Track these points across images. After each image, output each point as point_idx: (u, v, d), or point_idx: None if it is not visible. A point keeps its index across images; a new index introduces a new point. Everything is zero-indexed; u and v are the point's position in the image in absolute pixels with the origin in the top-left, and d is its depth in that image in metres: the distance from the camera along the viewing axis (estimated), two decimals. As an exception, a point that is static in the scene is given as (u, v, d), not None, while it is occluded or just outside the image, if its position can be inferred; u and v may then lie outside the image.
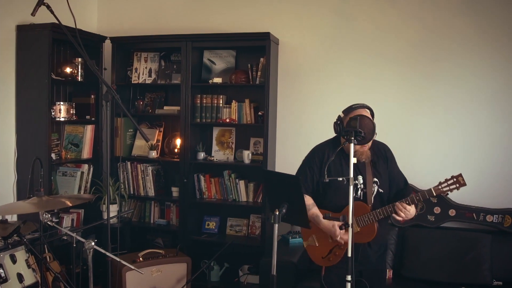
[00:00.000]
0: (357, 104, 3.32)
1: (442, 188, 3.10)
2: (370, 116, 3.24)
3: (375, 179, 3.29)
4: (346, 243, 3.17)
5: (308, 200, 3.33)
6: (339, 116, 3.23)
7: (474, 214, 4.65)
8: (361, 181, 3.18)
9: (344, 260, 3.20)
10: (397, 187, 3.39)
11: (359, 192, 3.27)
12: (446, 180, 3.10)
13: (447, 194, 3.13)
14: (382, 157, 3.37)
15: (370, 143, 3.25)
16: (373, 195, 3.28)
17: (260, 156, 5.18)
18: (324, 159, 3.32)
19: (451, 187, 3.08)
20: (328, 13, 5.13)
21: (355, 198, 3.20)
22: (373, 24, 5.01)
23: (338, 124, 3.15)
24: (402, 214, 3.11)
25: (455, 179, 3.08)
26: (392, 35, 4.96)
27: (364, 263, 3.29)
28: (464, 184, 3.07)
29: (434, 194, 3.11)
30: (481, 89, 4.76)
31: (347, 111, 3.28)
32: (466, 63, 4.78)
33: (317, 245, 3.39)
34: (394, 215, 3.15)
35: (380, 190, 3.30)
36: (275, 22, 5.26)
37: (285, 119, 5.30)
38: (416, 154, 4.89)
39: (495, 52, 4.71)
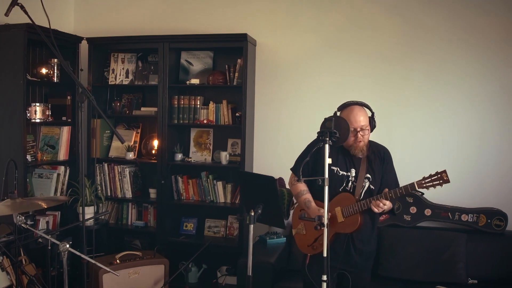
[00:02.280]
0: (352, 101, 3.39)
1: (425, 183, 3.11)
2: (365, 113, 3.34)
3: (368, 175, 3.34)
4: (330, 232, 3.21)
5: (302, 186, 3.40)
6: (334, 113, 3.25)
7: (449, 214, 4.70)
8: (353, 174, 3.31)
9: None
10: (387, 187, 3.38)
11: (350, 184, 3.33)
12: (430, 176, 3.12)
13: (429, 189, 3.14)
14: (379, 157, 3.41)
15: (367, 141, 3.34)
16: (364, 190, 3.32)
17: (238, 157, 5.18)
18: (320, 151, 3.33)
19: (435, 183, 3.10)
20: (305, 14, 5.15)
21: (344, 190, 3.31)
22: (350, 23, 5.05)
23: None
24: (378, 206, 3.14)
25: (439, 175, 3.10)
26: (371, 32, 5.00)
27: (345, 262, 3.33)
28: (448, 181, 3.09)
29: (417, 188, 3.12)
30: (460, 89, 4.82)
31: (341, 108, 3.36)
32: (446, 60, 4.84)
33: (304, 233, 3.44)
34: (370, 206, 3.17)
35: (371, 187, 3.33)
36: (252, 23, 5.27)
37: (262, 120, 5.31)
38: (393, 153, 4.91)
39: (477, 49, 4.77)
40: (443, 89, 4.85)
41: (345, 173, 3.33)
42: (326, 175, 2.83)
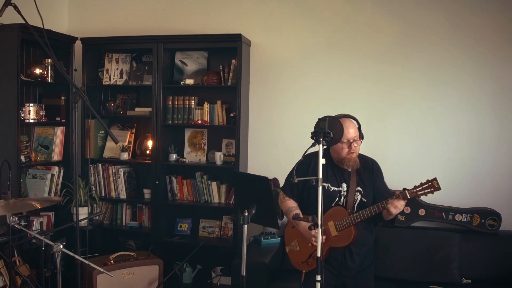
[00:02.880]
0: (341, 114, 3.38)
1: (417, 191, 3.11)
2: (354, 125, 3.37)
3: (359, 188, 3.37)
4: (325, 247, 3.23)
5: (292, 203, 3.43)
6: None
7: (443, 214, 4.71)
8: (345, 188, 3.32)
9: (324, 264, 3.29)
10: (382, 197, 3.37)
11: (342, 199, 3.34)
12: (421, 184, 3.11)
13: (420, 198, 3.15)
14: (368, 169, 3.43)
15: (357, 152, 3.35)
16: (356, 203, 3.34)
17: (232, 157, 5.18)
18: (310, 167, 3.38)
19: (426, 191, 3.09)
20: (300, 14, 5.15)
21: (337, 204, 3.34)
22: (344, 23, 5.05)
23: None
24: (393, 209, 3.12)
25: (429, 183, 3.09)
26: (365, 34, 5.01)
27: (345, 275, 3.36)
28: (439, 188, 3.08)
29: (409, 197, 3.11)
30: (455, 90, 4.82)
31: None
32: (442, 60, 4.84)
33: (298, 249, 3.44)
34: (388, 207, 3.14)
35: (363, 200, 3.35)
36: (246, 23, 5.27)
37: (257, 120, 5.31)
38: (387, 155, 4.93)
39: (473, 49, 4.77)
40: (437, 89, 4.86)
41: (336, 188, 3.35)
42: (320, 175, 2.82)
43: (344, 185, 3.30)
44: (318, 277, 2.80)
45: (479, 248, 4.50)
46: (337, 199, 3.34)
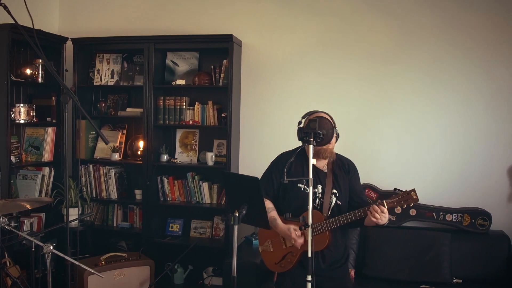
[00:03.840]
0: (316, 110, 3.36)
1: (395, 203, 3.08)
2: (329, 119, 3.27)
3: (334, 190, 3.33)
4: (298, 250, 3.23)
5: (268, 203, 3.35)
6: (299, 122, 3.27)
7: (434, 214, 4.73)
8: (320, 190, 3.29)
9: (296, 267, 3.29)
10: (359, 199, 3.37)
11: (317, 201, 3.31)
12: (399, 195, 3.08)
13: (399, 210, 3.12)
14: (345, 170, 3.41)
15: (332, 155, 3.33)
16: (331, 206, 3.30)
17: (224, 158, 5.18)
18: (287, 166, 3.29)
19: (403, 202, 3.06)
20: (291, 15, 5.16)
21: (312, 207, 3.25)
22: (335, 23, 5.07)
23: (300, 130, 3.21)
24: (377, 216, 3.04)
25: (407, 194, 3.06)
26: (358, 34, 5.02)
27: (318, 274, 3.18)
28: (417, 200, 3.05)
29: (386, 208, 3.06)
30: (440, 92, 4.85)
31: (306, 116, 3.32)
32: (430, 65, 4.87)
33: (271, 250, 3.42)
34: (371, 217, 3.08)
35: (338, 202, 3.32)
36: (238, 24, 5.27)
37: (248, 120, 5.31)
38: (377, 155, 4.95)
39: (468, 48, 4.80)
40: (429, 90, 4.88)
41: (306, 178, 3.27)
42: (311, 175, 2.83)
43: (319, 187, 3.29)
44: (309, 277, 2.80)
45: (469, 248, 4.53)
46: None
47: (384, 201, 3.08)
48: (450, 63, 4.82)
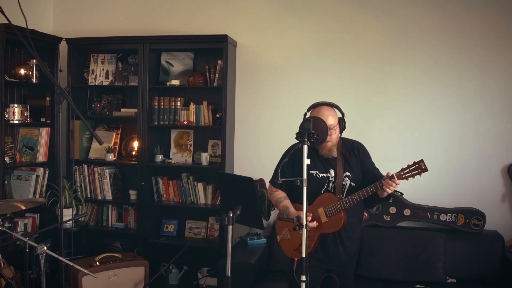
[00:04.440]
0: (321, 101, 3.41)
1: (404, 174, 3.09)
2: (334, 113, 3.33)
3: (347, 173, 3.35)
4: (315, 233, 3.25)
5: (280, 193, 3.41)
6: (304, 114, 3.34)
7: (428, 214, 4.75)
8: (333, 175, 3.33)
9: (315, 251, 3.31)
10: (373, 176, 3.36)
11: (331, 185, 3.33)
12: (408, 166, 3.10)
13: (408, 180, 3.11)
14: (355, 152, 3.43)
15: (335, 141, 3.34)
16: (346, 189, 3.32)
17: (218, 158, 5.17)
18: (297, 156, 3.34)
19: (413, 172, 3.07)
20: (286, 15, 5.16)
21: (326, 190, 3.32)
22: (330, 24, 5.07)
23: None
24: (390, 186, 3.08)
25: (416, 165, 3.08)
26: (353, 34, 5.03)
27: (334, 262, 3.34)
28: (426, 170, 3.06)
29: (397, 180, 3.07)
30: (436, 92, 4.87)
31: (311, 108, 3.39)
32: (424, 65, 4.88)
33: (289, 237, 3.42)
34: (386, 190, 3.11)
35: (353, 184, 3.34)
36: (232, 24, 5.27)
37: (243, 120, 5.31)
38: (372, 154, 4.92)
39: (451, 49, 4.82)
40: (422, 90, 4.89)
41: (324, 174, 3.33)
42: (305, 176, 2.83)
43: (332, 171, 3.32)
44: (303, 277, 2.80)
45: (463, 247, 4.54)
46: (326, 186, 3.33)
47: (394, 174, 3.09)
48: (446, 63, 4.84)
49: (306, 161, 2.86)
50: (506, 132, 4.75)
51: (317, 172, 3.33)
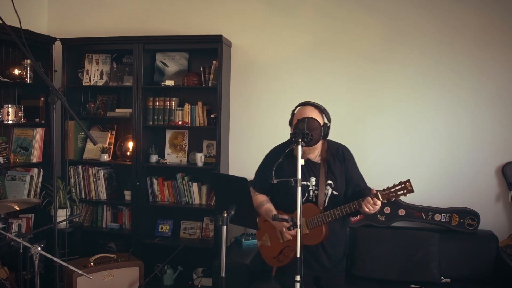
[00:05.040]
0: (309, 101, 3.33)
1: (389, 193, 3.02)
2: (317, 114, 3.22)
3: (329, 181, 3.23)
4: (294, 244, 3.18)
5: (262, 197, 3.35)
6: (293, 110, 3.32)
7: (422, 214, 4.76)
8: (313, 183, 3.22)
9: (294, 261, 3.23)
10: (355, 187, 3.28)
11: (311, 193, 3.24)
12: (394, 186, 3.03)
13: (393, 199, 3.07)
14: (339, 158, 3.29)
15: (322, 144, 3.26)
16: (327, 198, 3.22)
17: (213, 158, 5.17)
18: (275, 165, 3.22)
19: (399, 193, 3.01)
20: (280, 15, 5.16)
21: (307, 200, 3.22)
22: (325, 24, 5.08)
23: (290, 121, 3.27)
24: (370, 207, 3.00)
25: (403, 185, 3.01)
26: (347, 34, 5.04)
27: (318, 270, 3.29)
28: (412, 191, 2.99)
29: (381, 199, 3.01)
30: (431, 89, 4.88)
31: (297, 106, 3.33)
32: (414, 65, 4.89)
33: (269, 244, 3.39)
34: (364, 208, 3.02)
35: (335, 193, 3.23)
36: (227, 25, 5.27)
37: (238, 121, 5.31)
38: (364, 155, 4.95)
39: (445, 49, 4.83)
40: (416, 91, 4.90)
41: (304, 182, 3.20)
42: (299, 176, 2.82)
43: (313, 179, 3.21)
44: (298, 278, 2.80)
45: (458, 247, 4.56)
46: (306, 195, 3.21)
47: (378, 193, 3.02)
48: (441, 63, 4.85)
49: (301, 161, 2.86)
50: (501, 132, 4.77)
51: (293, 180, 3.07)
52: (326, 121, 3.26)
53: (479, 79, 4.78)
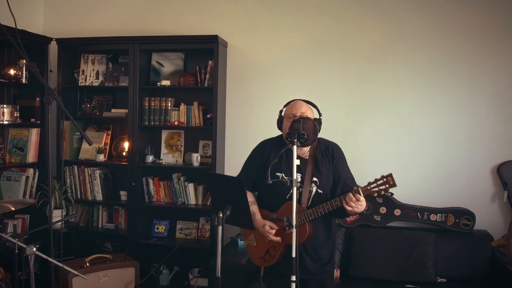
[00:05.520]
0: (300, 98, 3.27)
1: (371, 188, 2.92)
2: (307, 108, 3.18)
3: (314, 179, 3.14)
4: (280, 244, 3.15)
5: (249, 196, 3.22)
6: (280, 111, 3.29)
7: (418, 214, 4.76)
8: (299, 179, 3.09)
9: (281, 261, 3.20)
10: (344, 186, 3.15)
11: (295, 190, 3.07)
12: (376, 180, 2.92)
13: (376, 195, 2.93)
14: (328, 156, 3.20)
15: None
16: (312, 196, 3.14)
17: (209, 158, 5.17)
18: (265, 155, 3.25)
19: (381, 187, 2.89)
20: (276, 15, 5.16)
21: (291, 197, 2.99)
22: (320, 24, 5.08)
23: (281, 119, 3.25)
24: (352, 204, 2.88)
25: (384, 179, 2.89)
26: (340, 36, 5.04)
27: (302, 272, 3.06)
28: (394, 185, 2.87)
29: (362, 195, 2.89)
30: (428, 89, 4.89)
31: (287, 104, 3.28)
32: (411, 64, 4.90)
33: (255, 244, 3.35)
34: (346, 206, 2.90)
35: (319, 191, 3.14)
36: (223, 25, 5.27)
37: (233, 121, 5.31)
38: (361, 155, 4.96)
39: (443, 49, 4.84)
40: (413, 92, 4.91)
41: (290, 178, 3.04)
42: (295, 176, 2.81)
43: (299, 176, 3.08)
44: (293, 278, 2.79)
45: (453, 247, 4.57)
46: (290, 191, 3.05)
47: (359, 189, 2.92)
48: (438, 63, 4.86)
49: (296, 162, 2.85)
50: (496, 132, 4.78)
51: (283, 175, 3.09)
52: (316, 115, 3.22)
53: (476, 79, 4.79)
